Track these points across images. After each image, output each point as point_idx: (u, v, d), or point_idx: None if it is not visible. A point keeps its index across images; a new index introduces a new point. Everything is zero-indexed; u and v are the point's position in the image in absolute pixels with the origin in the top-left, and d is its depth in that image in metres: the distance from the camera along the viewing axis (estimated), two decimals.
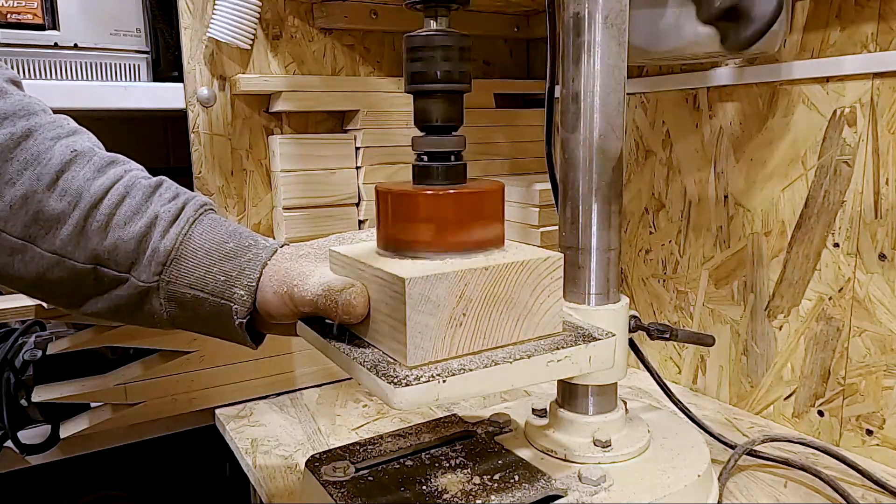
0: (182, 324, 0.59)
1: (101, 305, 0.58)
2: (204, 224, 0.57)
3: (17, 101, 0.55)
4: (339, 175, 0.92)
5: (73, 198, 0.54)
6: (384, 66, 0.98)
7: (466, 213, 0.48)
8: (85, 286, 0.56)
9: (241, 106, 0.88)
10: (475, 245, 0.49)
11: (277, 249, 0.57)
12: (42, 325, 0.82)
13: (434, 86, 0.48)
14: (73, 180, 0.54)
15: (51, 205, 0.53)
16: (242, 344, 0.59)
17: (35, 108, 0.56)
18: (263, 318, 0.58)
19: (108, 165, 0.57)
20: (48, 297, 0.59)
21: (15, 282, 0.56)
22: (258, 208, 0.91)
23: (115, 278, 0.56)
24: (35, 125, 0.55)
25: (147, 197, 0.56)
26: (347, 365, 0.48)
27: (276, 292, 0.54)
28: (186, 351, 0.80)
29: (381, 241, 0.51)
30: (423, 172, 0.50)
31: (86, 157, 0.56)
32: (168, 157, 0.99)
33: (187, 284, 0.56)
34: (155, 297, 0.57)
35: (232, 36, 0.83)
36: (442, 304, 0.45)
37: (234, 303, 0.56)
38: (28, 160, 0.54)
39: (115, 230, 0.55)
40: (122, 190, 0.56)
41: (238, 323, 0.56)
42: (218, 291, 0.56)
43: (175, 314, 0.58)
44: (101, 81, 0.79)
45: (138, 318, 0.59)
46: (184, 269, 0.56)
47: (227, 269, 0.56)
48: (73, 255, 0.54)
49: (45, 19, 0.75)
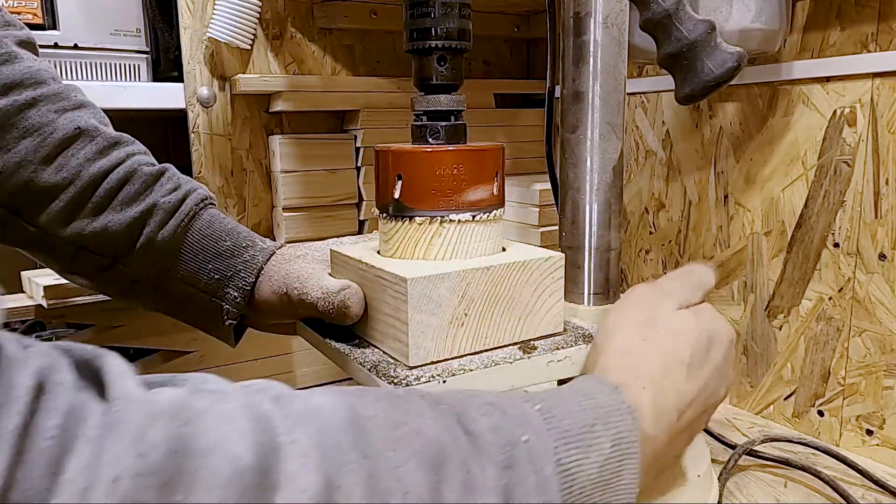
0: (167, 312, 0.59)
1: (85, 282, 0.58)
2: (203, 219, 0.56)
3: (25, 68, 0.53)
4: (339, 175, 0.92)
5: (70, 175, 0.53)
6: (384, 66, 0.98)
7: (466, 170, 0.48)
8: (66, 262, 0.56)
9: (241, 106, 0.88)
10: (474, 204, 0.49)
11: (275, 251, 0.57)
12: (42, 325, 0.81)
13: (434, 42, 0.48)
14: (72, 157, 0.53)
15: (44, 178, 0.52)
16: (224, 341, 0.59)
17: (44, 76, 0.54)
18: (258, 318, 0.57)
19: (112, 146, 0.55)
20: (41, 263, 0.59)
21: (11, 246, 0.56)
22: (258, 208, 0.91)
23: (98, 262, 0.55)
24: (41, 95, 0.53)
25: (148, 185, 0.55)
26: (347, 365, 0.48)
27: (274, 293, 0.54)
28: (186, 351, 0.80)
29: (379, 202, 0.50)
30: (423, 132, 0.50)
31: (89, 135, 0.55)
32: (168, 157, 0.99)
33: (179, 278, 0.56)
34: (143, 285, 0.56)
35: (232, 36, 0.82)
36: (444, 303, 0.45)
37: (225, 303, 0.55)
38: (28, 129, 0.52)
39: (109, 214, 0.54)
40: (123, 174, 0.55)
41: (227, 323, 0.56)
42: (210, 289, 0.56)
43: (161, 303, 0.58)
44: (101, 81, 0.79)
45: (121, 297, 0.59)
46: (178, 262, 0.55)
47: (222, 268, 0.55)
48: (57, 232, 0.53)
49: (44, 19, 0.75)
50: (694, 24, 0.54)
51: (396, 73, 0.97)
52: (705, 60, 0.54)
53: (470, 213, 0.48)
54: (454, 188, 0.48)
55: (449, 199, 0.48)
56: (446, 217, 0.48)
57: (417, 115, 0.50)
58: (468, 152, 0.48)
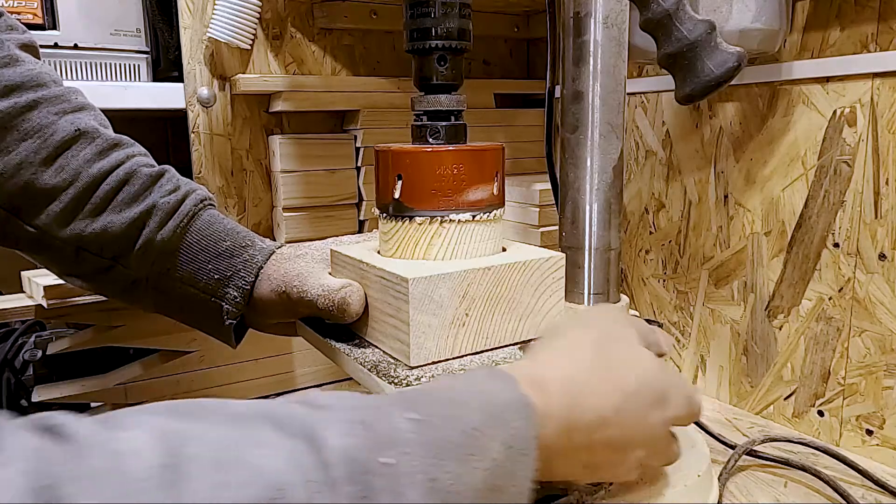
0: (167, 312, 0.59)
1: (85, 283, 0.58)
2: (202, 219, 0.56)
3: (26, 70, 0.53)
4: (339, 175, 0.92)
5: (69, 176, 0.53)
6: (384, 66, 0.98)
7: (466, 170, 0.48)
8: (65, 264, 0.56)
9: (241, 106, 0.88)
10: (474, 204, 0.49)
11: (275, 251, 0.57)
12: (42, 325, 0.81)
13: (434, 42, 0.48)
14: (72, 159, 0.53)
15: (44, 179, 0.52)
16: (224, 341, 0.59)
17: (45, 79, 0.55)
18: (258, 318, 0.57)
19: (111, 148, 0.56)
20: (40, 265, 0.59)
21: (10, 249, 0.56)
22: (258, 208, 0.91)
23: (97, 263, 0.55)
24: (41, 97, 0.53)
25: (147, 186, 0.55)
26: (347, 365, 0.48)
27: (273, 291, 0.54)
28: (186, 351, 0.80)
29: (379, 202, 0.50)
30: (423, 132, 0.50)
31: (89, 137, 0.55)
32: (168, 157, 0.99)
33: (179, 278, 0.56)
34: (143, 286, 0.56)
35: (232, 36, 0.82)
36: (445, 303, 0.45)
37: (225, 302, 0.55)
38: (28, 130, 0.52)
39: (108, 215, 0.54)
40: (123, 176, 0.55)
41: (227, 323, 0.56)
42: (210, 289, 0.56)
43: (161, 303, 0.58)
44: (101, 81, 0.79)
45: (121, 298, 0.59)
46: (177, 263, 0.55)
47: (222, 268, 0.55)
48: (56, 233, 0.53)
49: (44, 19, 0.75)
50: (694, 24, 0.54)
51: (396, 73, 0.97)
52: (705, 60, 0.54)
53: (470, 213, 0.48)
54: (454, 188, 0.48)
55: (449, 199, 0.48)
56: (446, 217, 0.48)
57: (417, 115, 0.50)
58: (468, 152, 0.48)
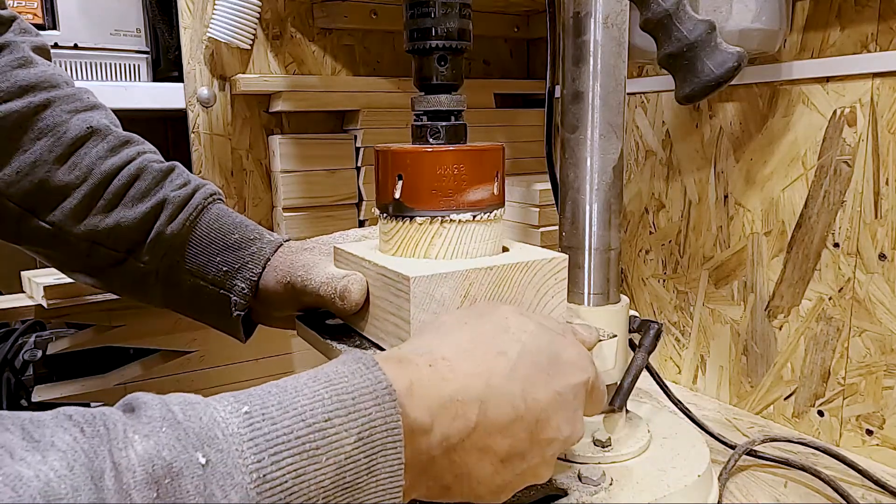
0: (176, 307, 0.60)
1: (95, 279, 0.59)
2: (211, 213, 0.58)
3: (40, 72, 0.55)
4: (339, 175, 0.92)
5: (82, 173, 0.54)
6: (384, 66, 0.98)
7: (466, 170, 0.48)
8: (79, 260, 0.57)
9: (241, 106, 0.88)
10: (474, 204, 0.48)
11: (282, 244, 0.57)
12: (42, 325, 0.81)
13: (434, 42, 0.48)
14: (85, 156, 0.55)
15: (58, 177, 0.54)
16: (233, 335, 0.59)
17: (57, 80, 0.56)
18: (265, 310, 0.58)
19: (123, 145, 0.57)
20: (50, 263, 0.59)
21: (23, 247, 0.57)
22: (258, 208, 0.91)
23: (111, 257, 0.56)
24: (55, 97, 0.55)
25: (158, 181, 0.57)
26: None
27: (279, 282, 0.54)
28: (186, 351, 0.80)
29: (379, 202, 0.50)
30: (423, 132, 0.50)
31: (101, 135, 0.56)
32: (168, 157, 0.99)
33: (188, 271, 0.56)
34: (153, 279, 0.57)
35: (232, 36, 0.82)
36: (446, 303, 0.45)
37: (233, 294, 0.56)
38: (43, 129, 0.54)
39: (121, 210, 0.55)
40: (134, 171, 0.56)
41: (235, 315, 0.56)
42: (218, 281, 0.56)
43: (170, 297, 0.58)
44: (101, 81, 0.79)
45: (130, 293, 0.60)
46: (186, 255, 0.56)
47: (230, 260, 0.56)
48: (71, 229, 0.55)
49: (44, 19, 0.75)
50: (694, 24, 0.54)
51: (396, 73, 0.97)
52: (705, 60, 0.54)
53: (470, 213, 0.48)
54: (455, 188, 0.47)
55: (449, 199, 0.48)
56: (447, 217, 0.48)
57: (418, 115, 0.50)
58: (468, 152, 0.48)
